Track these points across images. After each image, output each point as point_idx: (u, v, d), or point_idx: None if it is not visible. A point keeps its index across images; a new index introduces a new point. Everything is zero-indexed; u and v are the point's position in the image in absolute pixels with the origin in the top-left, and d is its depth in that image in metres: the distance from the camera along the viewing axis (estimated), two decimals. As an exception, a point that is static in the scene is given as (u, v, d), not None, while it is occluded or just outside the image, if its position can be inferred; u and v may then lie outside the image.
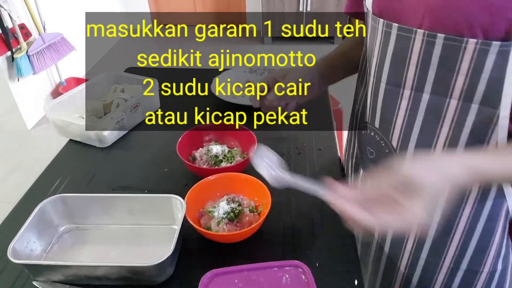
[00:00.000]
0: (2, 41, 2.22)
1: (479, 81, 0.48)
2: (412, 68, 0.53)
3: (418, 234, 0.64)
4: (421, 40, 0.50)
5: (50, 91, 2.70)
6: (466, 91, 0.49)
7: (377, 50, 0.57)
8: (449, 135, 0.54)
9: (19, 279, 0.62)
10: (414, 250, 0.66)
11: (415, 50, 0.51)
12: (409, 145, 0.59)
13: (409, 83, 0.54)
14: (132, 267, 0.58)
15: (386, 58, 0.55)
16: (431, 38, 0.49)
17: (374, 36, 0.57)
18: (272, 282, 0.57)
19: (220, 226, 0.66)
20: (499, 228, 0.60)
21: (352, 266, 0.64)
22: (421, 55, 0.51)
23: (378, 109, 0.61)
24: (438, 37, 0.48)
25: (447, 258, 0.64)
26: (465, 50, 0.46)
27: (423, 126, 0.56)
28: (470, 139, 0.53)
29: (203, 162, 0.82)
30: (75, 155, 0.93)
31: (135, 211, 0.70)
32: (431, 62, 0.50)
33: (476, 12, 0.44)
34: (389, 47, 0.54)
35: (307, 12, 3.40)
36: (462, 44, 0.46)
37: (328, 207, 0.75)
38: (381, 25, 0.54)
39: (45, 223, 0.67)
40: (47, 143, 2.32)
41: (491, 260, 0.63)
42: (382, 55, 0.56)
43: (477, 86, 0.48)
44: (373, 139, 0.65)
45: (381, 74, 0.57)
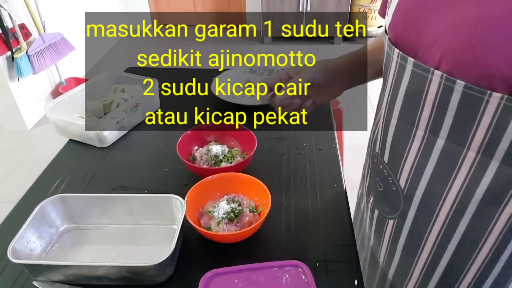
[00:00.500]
0: (2, 41, 2.22)
1: (502, 138, 0.42)
2: (428, 109, 0.47)
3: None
4: (438, 83, 0.44)
5: (50, 91, 2.70)
6: (486, 146, 0.43)
7: (390, 80, 0.52)
8: (462, 188, 0.48)
9: (19, 279, 0.62)
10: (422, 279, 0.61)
11: (431, 91, 0.45)
12: (417, 191, 0.53)
13: (423, 124, 0.48)
14: (132, 267, 0.58)
15: (399, 92, 0.50)
16: (450, 83, 0.43)
17: (389, 65, 0.52)
18: (272, 282, 0.57)
19: (220, 226, 0.66)
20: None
21: (352, 266, 0.64)
22: (437, 98, 0.45)
23: (388, 144, 0.56)
24: (457, 84, 0.42)
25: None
26: (487, 104, 0.40)
27: (434, 173, 0.50)
28: (485, 198, 0.47)
29: (203, 162, 0.82)
30: (75, 155, 0.93)
31: (135, 211, 0.70)
32: (449, 107, 0.44)
33: (500, 65, 0.38)
34: (403, 82, 0.49)
35: (307, 12, 3.40)
36: (485, 97, 0.40)
37: (328, 207, 0.76)
38: (396, 56, 0.49)
39: (45, 223, 0.67)
40: (47, 143, 2.32)
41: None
42: (395, 88, 0.51)
43: (499, 143, 0.42)
44: (382, 172, 0.60)
45: (392, 108, 0.53)
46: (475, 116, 0.42)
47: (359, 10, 3.47)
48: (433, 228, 0.55)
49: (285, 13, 3.43)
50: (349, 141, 2.29)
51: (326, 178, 0.82)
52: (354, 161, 2.26)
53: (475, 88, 0.40)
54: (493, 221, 0.48)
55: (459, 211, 0.50)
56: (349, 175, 2.16)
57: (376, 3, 3.42)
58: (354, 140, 2.39)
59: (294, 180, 0.81)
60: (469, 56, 0.40)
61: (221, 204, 0.69)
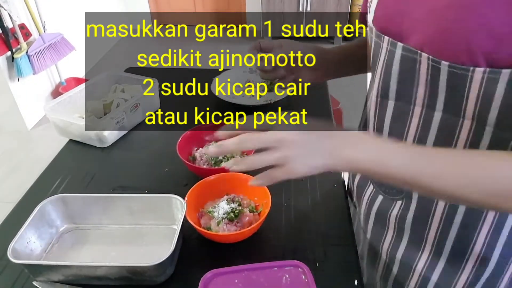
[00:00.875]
0: (2, 41, 2.22)
1: (490, 107, 0.44)
2: (422, 87, 0.50)
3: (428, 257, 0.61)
4: (426, 64, 0.48)
5: (50, 91, 2.70)
6: (478, 115, 0.46)
7: (380, 66, 0.55)
8: None
9: (19, 279, 0.62)
10: (425, 271, 0.63)
11: (422, 71, 0.49)
12: None
13: (420, 101, 0.52)
14: (132, 267, 0.58)
15: (392, 75, 0.53)
16: (436, 63, 0.46)
17: (378, 53, 0.55)
18: (272, 282, 0.57)
19: (220, 226, 0.66)
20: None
21: (352, 266, 0.64)
22: (428, 77, 0.48)
23: (386, 126, 0.58)
24: (442, 64, 0.45)
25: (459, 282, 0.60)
26: (472, 79, 0.44)
27: (435, 144, 0.52)
28: None
29: (203, 162, 0.82)
30: (75, 155, 0.93)
31: (135, 211, 0.70)
32: (439, 85, 0.48)
33: (478, 40, 0.41)
34: (394, 65, 0.52)
35: (307, 12, 3.41)
36: (468, 73, 0.43)
37: (328, 207, 0.76)
38: (386, 43, 0.53)
39: (45, 223, 0.67)
40: (47, 143, 2.32)
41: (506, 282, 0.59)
42: (386, 72, 0.54)
43: (489, 111, 0.45)
44: None
45: (387, 91, 0.55)
46: (463, 91, 0.45)
47: (359, 10, 3.47)
48: (439, 201, 0.56)
49: (285, 13, 3.43)
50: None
51: (326, 178, 0.82)
52: (354, 161, 2.26)
53: (459, 66, 0.44)
54: None
55: None
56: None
57: (376, 3, 3.42)
58: (354, 140, 2.39)
59: (294, 180, 0.81)
60: (447, 38, 0.44)
61: (221, 204, 0.69)
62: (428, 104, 0.51)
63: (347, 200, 0.77)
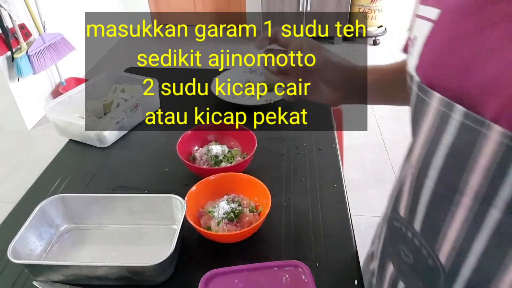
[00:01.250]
0: (2, 41, 2.22)
1: None
2: (479, 174, 0.36)
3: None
4: (496, 141, 0.33)
5: (50, 91, 2.70)
6: None
7: (426, 131, 0.40)
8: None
9: (19, 279, 0.62)
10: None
11: (485, 151, 0.34)
12: (463, 270, 0.42)
13: (471, 192, 0.37)
14: (132, 267, 0.58)
15: (439, 149, 0.39)
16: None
17: (423, 112, 0.40)
18: (272, 282, 0.57)
19: (220, 226, 0.66)
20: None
21: (352, 266, 0.64)
22: (495, 160, 0.34)
23: (420, 210, 0.44)
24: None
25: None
26: None
27: (487, 249, 0.39)
28: None
29: (203, 162, 0.82)
30: (75, 155, 0.93)
31: (135, 211, 0.70)
32: (510, 173, 0.33)
33: None
34: (446, 136, 0.37)
35: (307, 12, 3.41)
36: None
37: (328, 207, 0.76)
38: (437, 102, 0.38)
39: (45, 223, 0.67)
40: (47, 143, 2.32)
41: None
42: (433, 142, 0.39)
43: None
44: (411, 242, 0.48)
45: (427, 168, 0.41)
46: None
47: (359, 10, 3.47)
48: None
49: (285, 13, 3.43)
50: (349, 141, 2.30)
51: (326, 178, 0.82)
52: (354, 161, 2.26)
53: None
54: None
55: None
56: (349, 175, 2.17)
57: (376, 3, 3.42)
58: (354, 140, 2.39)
59: (294, 180, 0.81)
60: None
61: (221, 204, 0.69)
62: (484, 198, 0.36)
63: (347, 200, 0.77)
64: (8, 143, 2.40)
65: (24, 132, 2.47)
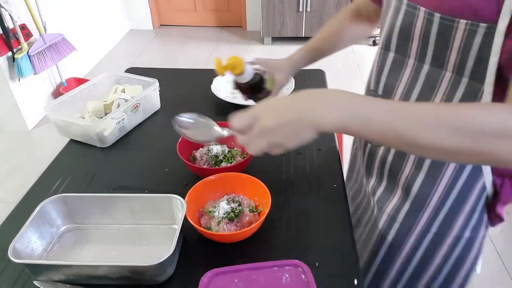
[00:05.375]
0: (3, 41, 2.22)
1: (468, 57, 0.52)
2: (416, 41, 0.58)
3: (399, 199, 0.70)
4: (422, 17, 0.56)
5: (51, 91, 2.70)
6: (458, 65, 0.54)
7: (388, 19, 0.63)
8: None
9: (20, 279, 0.62)
10: (393, 213, 0.72)
11: (418, 25, 0.57)
12: None
13: (413, 54, 0.60)
14: (133, 266, 0.58)
15: (395, 29, 0.61)
16: (430, 16, 0.54)
17: (386, 9, 0.64)
18: (272, 281, 0.57)
19: (220, 226, 0.66)
20: (471, 198, 0.65)
21: (352, 266, 0.64)
22: (422, 30, 0.56)
23: (383, 76, 0.67)
24: (435, 16, 0.53)
25: (420, 222, 0.69)
26: (457, 30, 0.52)
27: (420, 96, 0.61)
28: None
29: (203, 162, 0.82)
30: (76, 155, 0.93)
31: (135, 211, 0.70)
32: (430, 37, 0.56)
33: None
34: (398, 20, 0.60)
35: (307, 12, 3.40)
36: (454, 24, 0.52)
37: (328, 207, 0.76)
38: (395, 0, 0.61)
39: (46, 223, 0.67)
40: (48, 143, 2.32)
41: (459, 226, 0.67)
42: (391, 27, 0.62)
43: (466, 62, 0.53)
44: None
45: (389, 45, 0.64)
46: (448, 42, 0.54)
47: (359, 10, 3.47)
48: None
49: (285, 13, 3.43)
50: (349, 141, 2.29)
51: (326, 178, 0.82)
52: (354, 161, 2.27)
53: (448, 18, 0.52)
54: None
55: None
56: (349, 175, 2.17)
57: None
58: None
59: (294, 180, 0.82)
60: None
61: (221, 204, 0.69)
62: (420, 58, 0.60)
63: (346, 200, 0.77)
64: (9, 143, 2.40)
65: (25, 132, 2.47)
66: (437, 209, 0.67)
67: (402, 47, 0.62)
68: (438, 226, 0.68)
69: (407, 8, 0.58)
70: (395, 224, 0.72)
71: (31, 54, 2.34)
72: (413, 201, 0.69)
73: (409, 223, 0.70)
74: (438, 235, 0.69)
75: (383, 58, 0.67)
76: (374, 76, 0.70)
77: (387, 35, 0.64)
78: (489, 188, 0.64)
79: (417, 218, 0.69)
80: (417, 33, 0.58)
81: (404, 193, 0.70)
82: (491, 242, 1.69)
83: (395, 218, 0.72)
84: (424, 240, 0.70)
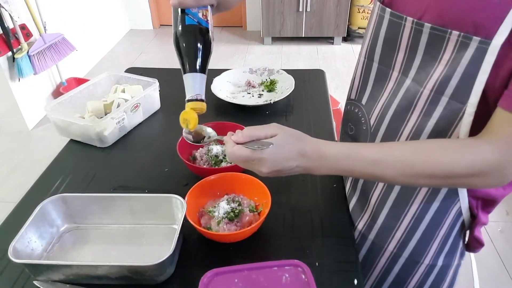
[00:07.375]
0: (3, 41, 2.22)
1: (454, 73, 0.50)
2: (402, 52, 0.57)
3: (370, 217, 0.70)
4: (410, 28, 0.54)
5: (51, 91, 2.71)
6: (440, 82, 0.52)
7: (370, 31, 0.62)
8: (416, 123, 0.57)
9: (20, 279, 0.62)
10: (364, 230, 0.72)
11: (404, 36, 0.55)
12: (382, 127, 0.62)
13: (398, 66, 0.59)
14: (133, 266, 0.58)
15: (379, 40, 0.60)
16: (419, 26, 0.52)
17: (372, 18, 0.63)
18: (272, 281, 0.57)
19: (220, 226, 0.66)
20: (445, 224, 0.63)
21: (352, 266, 0.64)
22: (410, 41, 0.55)
23: (368, 87, 0.66)
24: (425, 26, 0.51)
25: (391, 243, 0.68)
26: (448, 41, 0.49)
27: (396, 111, 0.59)
28: (434, 131, 0.55)
29: (203, 162, 0.82)
30: (76, 155, 0.93)
31: (135, 210, 0.70)
32: (418, 48, 0.54)
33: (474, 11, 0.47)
34: (382, 30, 0.59)
35: (307, 12, 3.41)
36: (446, 35, 0.49)
37: (328, 207, 0.76)
38: (377, 8, 0.59)
39: (46, 223, 0.67)
40: (48, 143, 2.32)
41: (432, 254, 0.66)
42: (375, 37, 0.61)
43: (451, 79, 0.50)
44: (356, 115, 0.69)
45: (373, 55, 0.63)
46: (438, 52, 0.51)
47: (358, 10, 3.47)
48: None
49: (285, 13, 3.43)
50: (350, 141, 2.29)
51: (326, 178, 0.82)
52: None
53: (439, 28, 0.50)
54: None
55: None
56: (349, 175, 2.17)
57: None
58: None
59: (294, 180, 0.82)
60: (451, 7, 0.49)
61: (221, 204, 0.69)
62: (404, 71, 0.58)
63: (346, 201, 0.77)
64: (9, 143, 2.40)
65: (25, 132, 2.48)
66: (410, 231, 0.65)
67: (388, 58, 0.60)
68: (412, 250, 0.67)
69: (391, 18, 0.56)
70: (367, 242, 0.72)
71: (31, 54, 2.34)
72: (384, 220, 0.68)
73: (381, 242, 0.69)
74: (411, 261, 0.67)
75: (366, 68, 0.65)
76: (357, 87, 0.69)
77: (370, 45, 0.62)
78: (465, 213, 0.62)
79: (388, 237, 0.68)
80: (403, 44, 0.56)
81: (375, 211, 0.69)
82: (491, 242, 1.69)
83: (366, 236, 0.72)
84: (396, 265, 0.69)
